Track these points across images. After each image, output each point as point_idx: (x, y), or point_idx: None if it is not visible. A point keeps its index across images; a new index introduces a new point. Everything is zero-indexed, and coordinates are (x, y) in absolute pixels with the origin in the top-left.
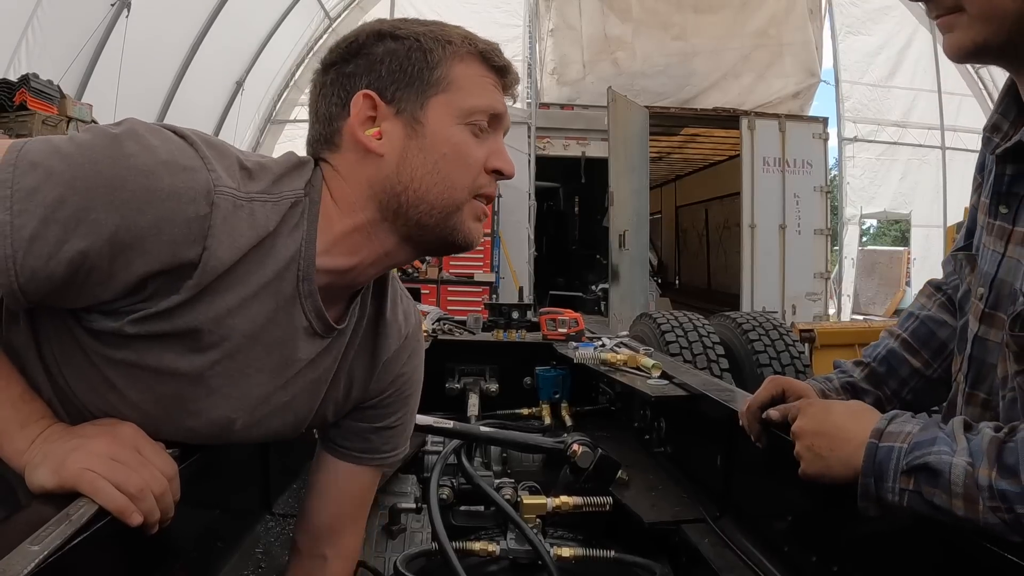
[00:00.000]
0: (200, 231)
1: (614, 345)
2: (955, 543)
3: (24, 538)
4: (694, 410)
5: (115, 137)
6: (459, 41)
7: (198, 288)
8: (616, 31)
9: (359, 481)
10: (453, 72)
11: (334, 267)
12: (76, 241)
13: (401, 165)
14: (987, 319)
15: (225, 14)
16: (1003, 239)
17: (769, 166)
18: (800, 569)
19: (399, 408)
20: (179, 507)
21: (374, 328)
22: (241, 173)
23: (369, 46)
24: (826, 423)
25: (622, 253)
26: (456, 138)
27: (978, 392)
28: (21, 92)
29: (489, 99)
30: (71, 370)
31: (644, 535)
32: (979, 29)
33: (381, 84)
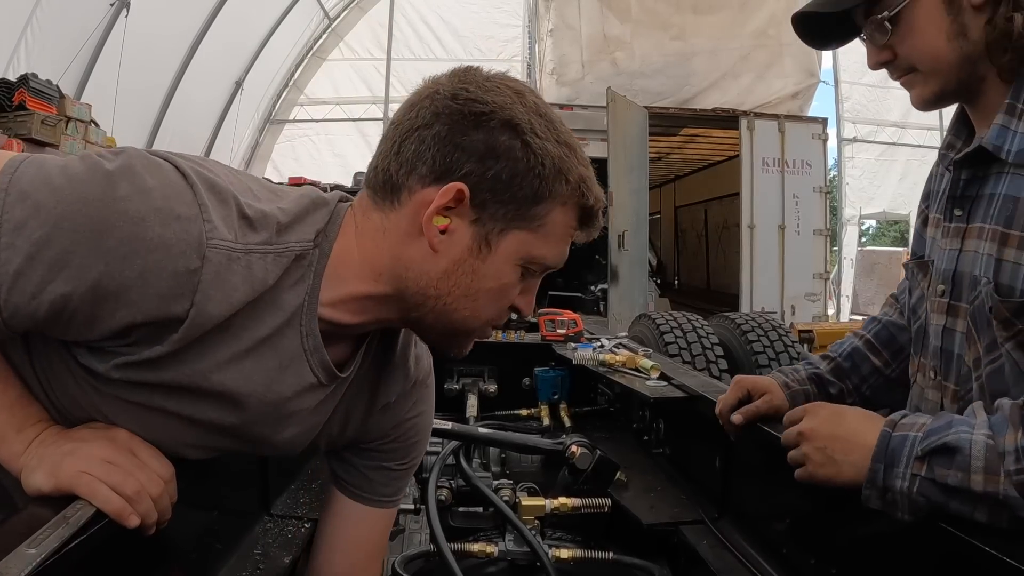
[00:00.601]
0: (188, 286)
1: (613, 346)
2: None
3: (21, 541)
4: (693, 411)
5: (109, 175)
6: (575, 184)
7: (183, 343)
8: (615, 31)
9: (368, 526)
10: (552, 215)
11: (336, 320)
12: (59, 284)
13: (448, 274)
14: (952, 311)
15: (224, 14)
16: (959, 237)
17: (768, 166)
18: (799, 571)
19: (403, 455)
20: (176, 509)
21: (378, 370)
22: (240, 223)
23: (497, 131)
24: (841, 427)
25: (621, 253)
26: (508, 278)
27: (948, 383)
28: (20, 92)
29: (559, 255)
30: (60, 389)
31: (643, 536)
32: (934, 82)
33: (481, 184)
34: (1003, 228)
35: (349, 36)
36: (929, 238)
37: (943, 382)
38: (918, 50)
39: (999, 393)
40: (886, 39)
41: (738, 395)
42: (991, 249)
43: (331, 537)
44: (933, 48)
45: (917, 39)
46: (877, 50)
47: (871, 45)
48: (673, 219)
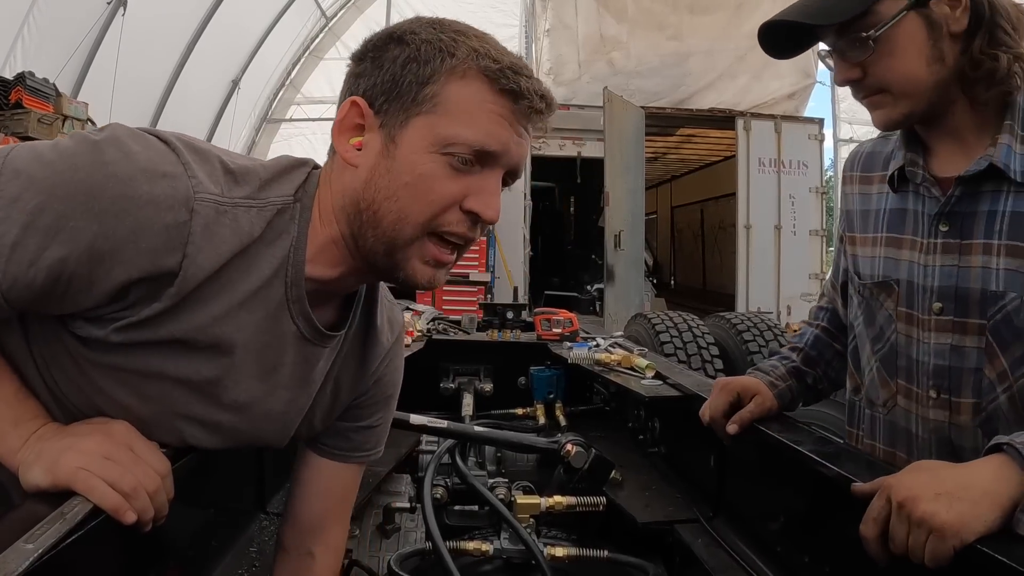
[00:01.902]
0: (179, 239)
1: (609, 345)
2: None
3: (19, 536)
4: (688, 411)
5: (96, 144)
6: (463, 54)
7: (179, 296)
8: (612, 31)
9: (343, 478)
10: (446, 91)
11: (319, 276)
12: (56, 248)
13: (368, 182)
14: (959, 327)
15: (221, 13)
16: (954, 253)
17: (764, 167)
18: (793, 569)
19: (380, 409)
20: (173, 506)
21: (364, 336)
22: (226, 178)
23: (379, 48)
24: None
25: (617, 253)
26: (423, 167)
27: (962, 400)
28: (17, 90)
29: (478, 130)
30: (60, 373)
31: (638, 535)
32: (904, 104)
33: (375, 92)
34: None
35: (346, 35)
36: (881, 258)
37: (953, 399)
38: (895, 72)
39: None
40: (863, 57)
41: (728, 399)
42: (1011, 264)
43: (306, 484)
44: (911, 71)
45: (896, 60)
46: (848, 66)
47: (841, 61)
48: (669, 219)
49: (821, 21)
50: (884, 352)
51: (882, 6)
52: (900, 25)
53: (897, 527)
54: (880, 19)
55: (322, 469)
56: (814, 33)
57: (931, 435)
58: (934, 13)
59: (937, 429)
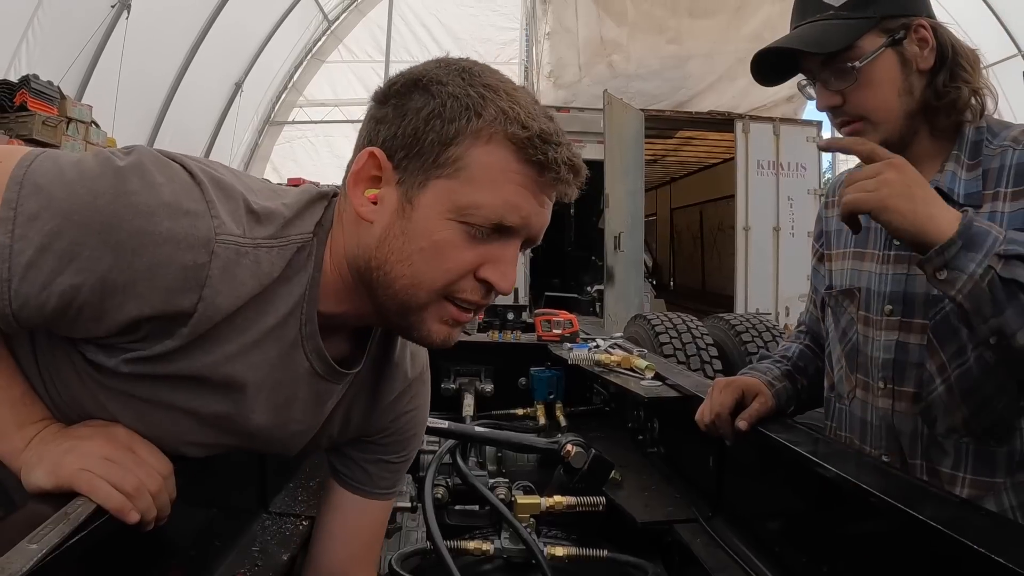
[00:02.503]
0: (196, 280)
1: (608, 346)
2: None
3: (23, 537)
4: (687, 411)
5: (119, 170)
6: (491, 115)
7: (193, 336)
8: (612, 34)
9: (366, 518)
10: (469, 155)
11: (330, 312)
12: (69, 276)
13: (381, 242)
14: (905, 327)
15: (224, 16)
16: (904, 263)
17: (763, 169)
18: (791, 569)
19: (400, 448)
20: (176, 506)
21: (379, 370)
22: (248, 218)
23: (403, 95)
24: (926, 186)
25: (617, 255)
26: (440, 235)
27: (904, 388)
28: (21, 93)
29: (501, 203)
30: (63, 387)
31: (637, 535)
32: (881, 132)
33: (395, 144)
34: None
35: (348, 38)
36: (848, 270)
37: (897, 388)
38: (872, 100)
39: (968, 389)
40: (845, 86)
41: (735, 396)
42: None
43: (330, 528)
44: (886, 101)
45: (874, 90)
46: (830, 94)
47: (824, 89)
48: (669, 221)
49: (817, 50)
50: (848, 350)
51: (864, 42)
52: (878, 60)
53: (861, 174)
54: (862, 53)
55: (346, 508)
56: (798, 64)
57: (880, 422)
58: (906, 51)
59: (884, 416)
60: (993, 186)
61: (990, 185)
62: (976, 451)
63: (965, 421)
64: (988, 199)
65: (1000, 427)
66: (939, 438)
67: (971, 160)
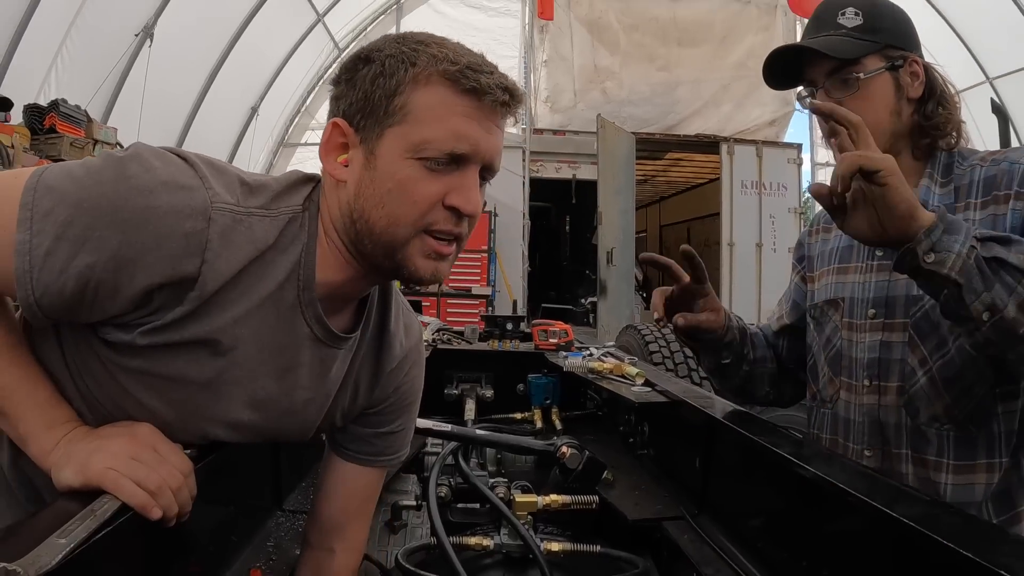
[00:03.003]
0: (198, 245)
1: (601, 354)
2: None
3: (51, 532)
4: (675, 415)
5: (120, 160)
6: (424, 62)
7: (201, 300)
8: (605, 62)
9: (364, 481)
10: (412, 100)
11: (328, 281)
12: (83, 256)
13: (356, 195)
14: (887, 327)
15: (242, 44)
16: (886, 271)
17: (747, 188)
18: (773, 564)
19: (401, 415)
20: (196, 503)
21: (379, 339)
22: (242, 189)
23: (351, 70)
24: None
25: (610, 269)
26: (402, 173)
27: (889, 383)
28: (51, 116)
29: (446, 132)
30: (90, 378)
31: (628, 531)
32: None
33: (352, 111)
34: None
35: None
36: (833, 283)
37: (882, 384)
38: (866, 112)
39: (949, 377)
40: (846, 94)
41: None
42: None
43: (329, 488)
44: (877, 115)
45: (869, 103)
46: (829, 101)
47: (826, 95)
48: (658, 237)
49: (833, 55)
50: (831, 356)
51: (868, 60)
52: (877, 78)
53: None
54: (865, 69)
55: (346, 473)
56: (802, 73)
57: (864, 418)
58: (901, 79)
59: (869, 412)
60: (964, 198)
61: (961, 198)
62: (957, 437)
63: (946, 409)
64: (960, 209)
65: (979, 413)
66: (922, 427)
67: (943, 179)
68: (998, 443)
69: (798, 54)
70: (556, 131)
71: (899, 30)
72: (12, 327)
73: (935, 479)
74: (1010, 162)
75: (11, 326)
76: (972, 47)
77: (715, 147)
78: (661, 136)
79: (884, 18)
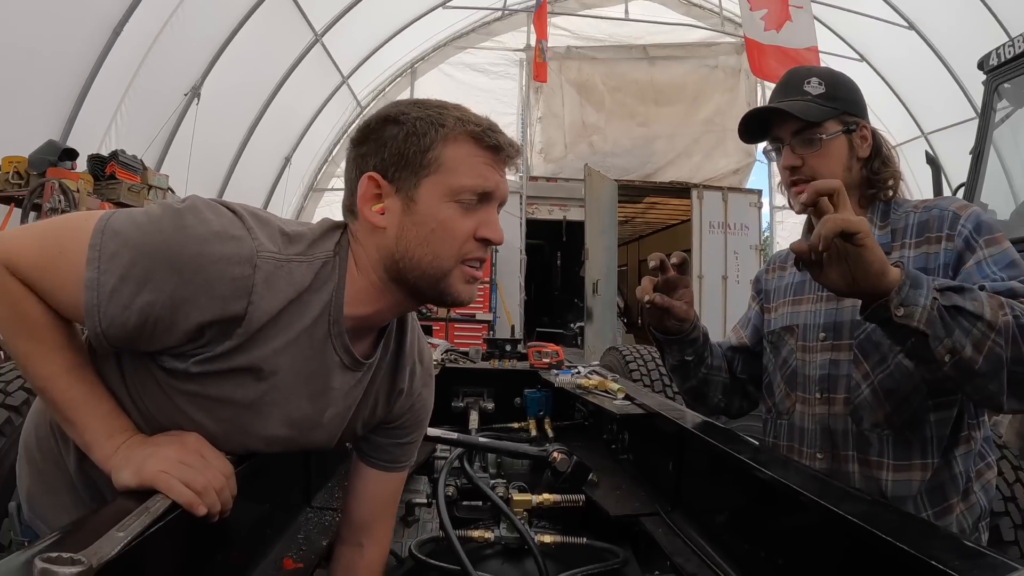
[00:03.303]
0: (245, 289)
1: (588, 372)
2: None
3: (111, 526)
4: (651, 425)
5: (178, 211)
6: (451, 124)
7: (247, 335)
8: (592, 119)
9: (386, 485)
10: (444, 154)
11: (358, 315)
12: (145, 295)
13: (398, 237)
14: (835, 348)
15: (277, 102)
16: (834, 300)
17: (714, 228)
18: (736, 554)
19: (415, 428)
20: (236, 501)
21: (395, 361)
22: (282, 238)
23: (378, 130)
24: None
25: (595, 298)
26: (443, 214)
27: (837, 396)
28: (111, 165)
29: (476, 178)
30: (148, 397)
31: (610, 525)
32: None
33: (384, 166)
34: None
35: None
36: (788, 312)
37: (831, 396)
38: (824, 168)
39: (890, 388)
40: (808, 152)
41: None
42: None
43: (358, 492)
44: (833, 172)
45: (827, 160)
46: (795, 156)
47: (791, 152)
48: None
49: (805, 118)
50: (787, 375)
51: (829, 124)
52: (835, 140)
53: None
54: (826, 131)
55: (370, 478)
56: (769, 131)
57: (817, 426)
58: (853, 140)
59: (821, 421)
60: (900, 239)
61: (898, 239)
62: (896, 441)
63: (887, 417)
64: (896, 248)
65: (914, 421)
66: (866, 432)
67: (881, 222)
68: (931, 445)
69: (769, 114)
70: (549, 178)
71: (853, 99)
72: (80, 349)
73: (877, 476)
74: (940, 209)
75: (79, 348)
76: (910, 106)
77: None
78: (640, 183)
79: (842, 88)
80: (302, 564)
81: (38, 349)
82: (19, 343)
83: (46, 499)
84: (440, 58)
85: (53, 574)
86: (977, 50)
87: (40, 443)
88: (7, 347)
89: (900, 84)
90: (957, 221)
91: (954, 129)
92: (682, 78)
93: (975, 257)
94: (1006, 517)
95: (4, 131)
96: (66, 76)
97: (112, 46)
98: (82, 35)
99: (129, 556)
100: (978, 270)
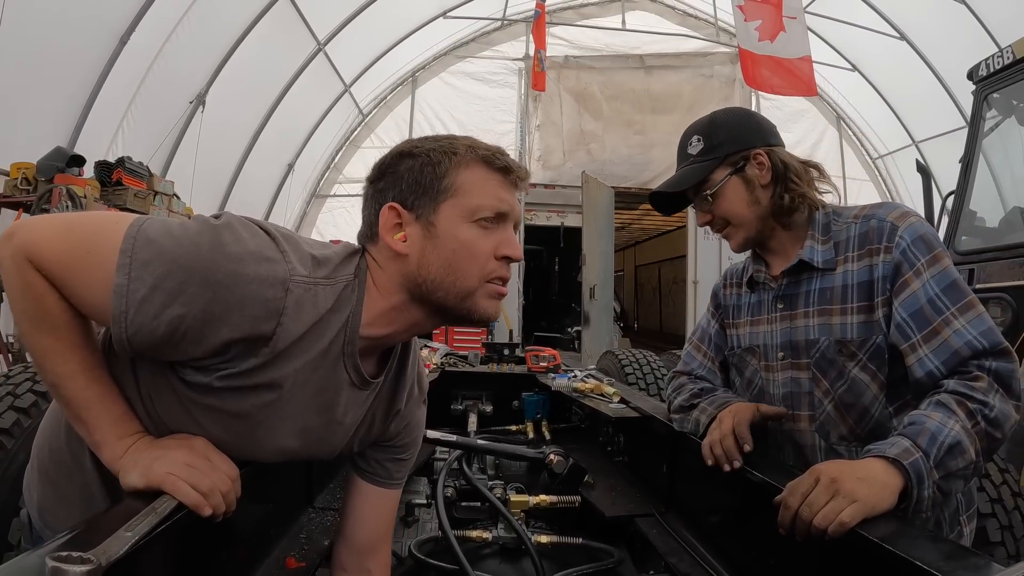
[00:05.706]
0: (276, 311)
1: (584, 376)
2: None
3: (120, 526)
4: (646, 428)
5: (215, 228)
6: (463, 151)
7: (272, 355)
8: (589, 127)
9: (385, 503)
10: (459, 179)
11: (374, 335)
12: (176, 308)
13: (421, 261)
14: (794, 367)
15: (280, 110)
16: (788, 320)
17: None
18: (727, 553)
19: (410, 447)
20: (240, 502)
21: (396, 382)
22: (312, 262)
23: (394, 165)
24: (860, 469)
25: (592, 303)
26: (464, 235)
27: (801, 412)
28: (117, 171)
29: (492, 198)
30: (163, 406)
31: (605, 526)
32: (742, 232)
33: (403, 196)
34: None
35: (378, 128)
36: (748, 332)
37: (795, 413)
38: (729, 212)
39: (850, 402)
40: (708, 207)
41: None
42: (820, 320)
43: (358, 513)
44: (738, 211)
45: (728, 205)
46: (702, 214)
47: (699, 211)
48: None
49: (675, 189)
50: (755, 394)
51: (715, 175)
52: (727, 185)
53: (820, 496)
54: (714, 183)
55: (369, 496)
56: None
57: (786, 442)
58: (748, 175)
59: (789, 437)
60: (843, 252)
61: (841, 252)
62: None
63: (851, 429)
64: (840, 263)
65: (878, 430)
66: (834, 446)
67: (824, 236)
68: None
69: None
70: (547, 185)
71: (736, 136)
72: (95, 351)
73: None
74: (878, 219)
75: (96, 348)
76: (901, 115)
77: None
78: (636, 190)
79: (720, 132)
80: (304, 563)
81: (57, 346)
82: (40, 338)
83: (58, 510)
84: (440, 67)
85: (63, 572)
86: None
87: (53, 455)
88: (25, 341)
89: (892, 93)
90: (895, 233)
91: (944, 138)
92: (678, 87)
93: (919, 280)
94: (992, 519)
95: (13, 137)
96: (74, 84)
97: (119, 55)
98: (89, 44)
99: (137, 555)
100: (923, 292)
